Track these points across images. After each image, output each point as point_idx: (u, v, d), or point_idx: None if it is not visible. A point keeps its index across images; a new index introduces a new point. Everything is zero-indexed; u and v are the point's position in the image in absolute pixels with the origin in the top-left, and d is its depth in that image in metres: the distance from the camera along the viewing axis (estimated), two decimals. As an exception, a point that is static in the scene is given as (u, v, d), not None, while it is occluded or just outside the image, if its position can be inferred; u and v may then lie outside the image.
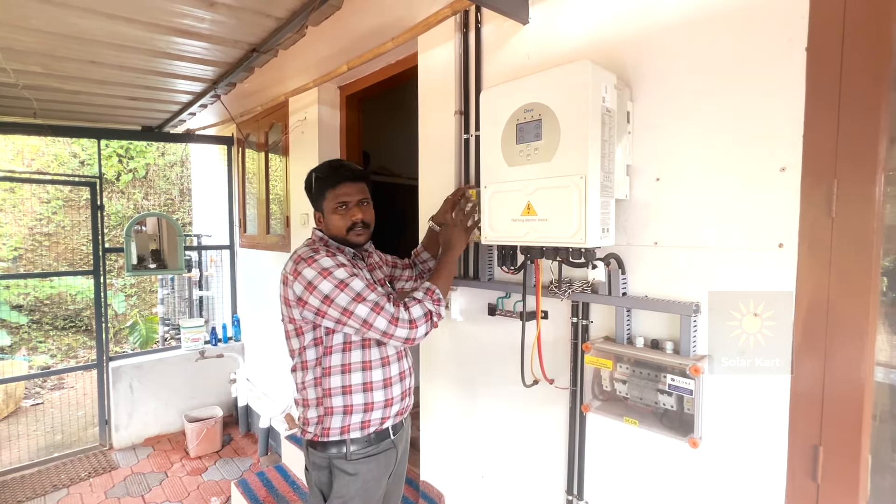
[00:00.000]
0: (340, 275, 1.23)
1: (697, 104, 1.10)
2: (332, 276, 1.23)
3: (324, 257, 1.26)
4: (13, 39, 2.10)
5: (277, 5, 1.93)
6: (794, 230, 0.97)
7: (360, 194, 1.39)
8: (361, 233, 1.39)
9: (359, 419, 1.31)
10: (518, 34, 1.48)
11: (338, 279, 1.23)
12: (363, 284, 1.24)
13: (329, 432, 1.31)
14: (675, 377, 1.08)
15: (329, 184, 1.37)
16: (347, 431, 1.31)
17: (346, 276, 1.24)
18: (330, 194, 1.37)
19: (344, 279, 1.23)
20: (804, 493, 0.97)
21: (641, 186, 1.21)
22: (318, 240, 1.41)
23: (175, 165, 7.86)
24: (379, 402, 1.34)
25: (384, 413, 1.35)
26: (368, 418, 1.32)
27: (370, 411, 1.32)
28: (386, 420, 1.36)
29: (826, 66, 0.91)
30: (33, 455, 3.45)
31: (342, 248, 1.40)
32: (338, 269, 1.24)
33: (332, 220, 1.38)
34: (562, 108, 1.10)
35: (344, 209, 1.37)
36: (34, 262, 6.63)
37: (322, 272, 1.23)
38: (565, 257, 1.21)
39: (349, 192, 1.37)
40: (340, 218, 1.37)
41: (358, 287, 1.23)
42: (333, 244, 1.40)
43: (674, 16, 1.13)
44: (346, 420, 1.31)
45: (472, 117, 1.67)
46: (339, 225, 1.37)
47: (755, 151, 1.01)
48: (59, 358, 6.45)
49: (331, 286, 1.22)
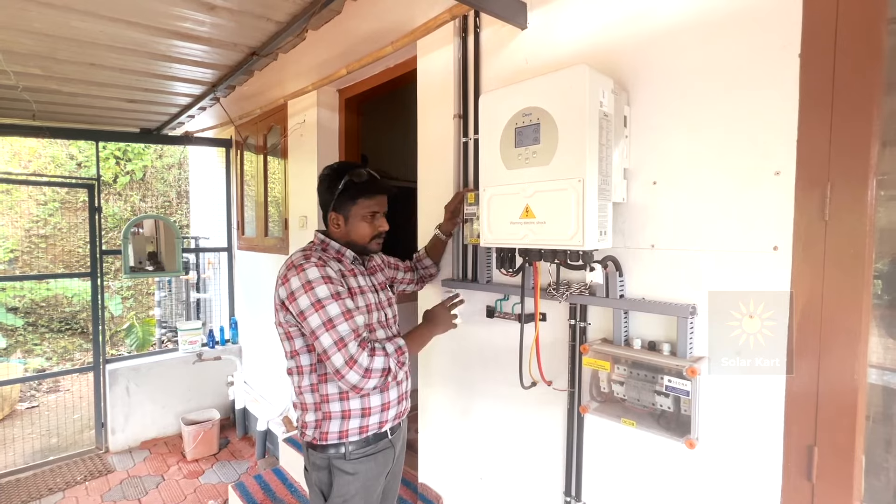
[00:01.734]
0: (321, 293, 1.21)
1: (693, 109, 1.11)
2: (312, 293, 1.21)
3: (312, 268, 1.24)
4: (14, 42, 2.10)
5: (278, 9, 1.94)
6: (789, 233, 0.98)
7: (386, 206, 1.43)
8: (380, 242, 1.44)
9: (357, 424, 1.32)
10: (516, 39, 1.50)
11: (317, 297, 1.20)
12: (339, 311, 1.21)
13: (327, 436, 1.31)
14: (672, 378, 1.09)
15: (367, 192, 1.37)
16: (346, 436, 1.31)
17: (326, 295, 1.21)
18: (364, 202, 1.37)
19: (322, 299, 1.20)
20: (799, 493, 0.99)
21: (638, 190, 1.22)
22: (319, 243, 1.41)
23: (173, 168, 7.84)
24: (376, 407, 1.34)
25: (381, 417, 1.35)
26: (366, 423, 1.33)
27: (367, 416, 1.33)
28: (384, 424, 1.37)
29: (819, 73, 0.93)
30: (28, 458, 3.43)
31: (342, 254, 1.40)
32: (320, 286, 1.22)
33: (359, 226, 1.38)
34: (560, 112, 1.12)
35: (372, 219, 1.39)
36: (30, 265, 6.60)
37: (305, 285, 1.22)
38: (563, 260, 1.22)
39: (382, 203, 1.41)
40: (368, 226, 1.38)
41: (333, 312, 1.20)
42: (333, 248, 1.40)
43: (670, 22, 1.14)
44: (345, 425, 1.31)
45: (470, 121, 1.69)
46: (365, 233, 1.39)
47: (750, 155, 1.03)
48: (54, 361, 6.41)
49: (308, 303, 1.20)
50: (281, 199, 3.24)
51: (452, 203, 1.63)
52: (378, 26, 2.00)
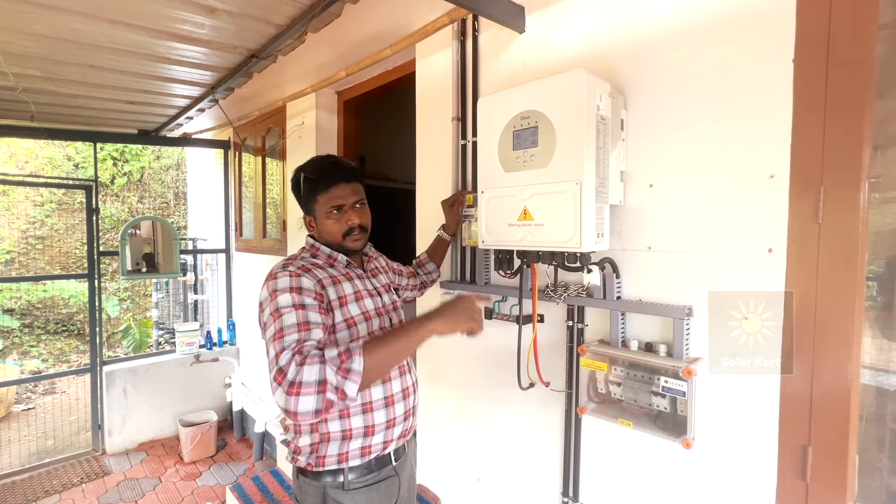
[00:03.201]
0: (282, 301, 1.06)
1: (690, 112, 1.13)
2: (274, 302, 1.07)
3: (284, 277, 1.11)
4: (14, 44, 2.11)
5: (278, 12, 1.95)
6: (783, 235, 0.99)
7: (356, 195, 1.24)
8: (359, 237, 1.25)
9: (358, 445, 1.16)
10: (514, 43, 1.51)
11: (276, 306, 1.06)
12: (294, 321, 1.03)
13: (325, 461, 1.15)
14: (669, 379, 1.10)
15: (322, 186, 1.22)
16: (346, 459, 1.15)
17: (287, 304, 1.06)
18: (322, 198, 1.22)
19: (281, 307, 1.06)
20: (794, 493, 1.00)
21: (635, 192, 1.23)
22: (309, 248, 1.28)
23: (170, 169, 7.84)
24: (381, 425, 1.18)
25: (386, 436, 1.20)
26: (369, 443, 1.17)
27: (371, 435, 1.17)
28: (389, 444, 1.21)
29: (812, 77, 0.95)
30: (24, 461, 3.41)
31: (333, 258, 1.25)
32: (283, 295, 1.07)
33: (326, 225, 1.23)
34: (557, 115, 1.13)
35: (338, 213, 1.22)
36: (27, 266, 6.58)
37: (271, 294, 1.09)
38: (561, 262, 1.23)
39: (344, 194, 1.22)
40: (335, 223, 1.22)
41: (287, 322, 1.03)
42: (324, 253, 1.26)
43: (667, 27, 1.16)
44: (345, 447, 1.15)
45: (469, 124, 1.70)
46: (334, 230, 1.23)
47: (745, 159, 1.04)
48: (50, 362, 6.38)
49: (268, 312, 1.08)
50: (279, 201, 3.24)
51: (450, 198, 1.65)
52: (377, 29, 2.01)
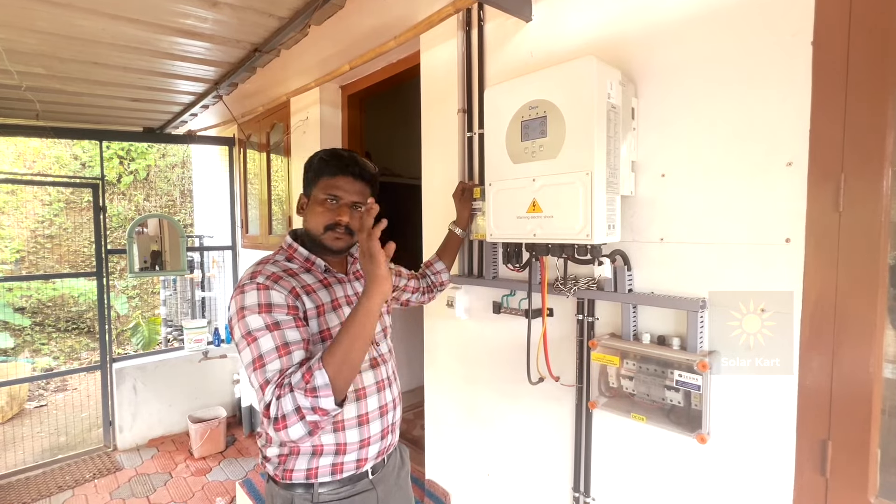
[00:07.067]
0: (253, 323, 0.98)
1: (703, 99, 1.10)
2: (243, 322, 0.99)
3: (252, 291, 1.01)
4: (18, 41, 2.10)
5: (280, 4, 1.93)
6: (801, 225, 0.96)
7: (357, 196, 1.14)
8: (340, 237, 1.13)
9: (329, 462, 1.09)
10: (521, 32, 1.48)
11: (248, 328, 0.98)
12: (272, 345, 0.96)
13: (292, 475, 1.08)
14: (683, 373, 1.08)
15: (328, 171, 1.13)
16: (315, 476, 1.08)
17: (259, 326, 0.98)
18: (324, 182, 1.13)
19: (253, 331, 0.98)
20: (813, 488, 0.97)
21: (647, 183, 1.21)
22: (286, 248, 1.17)
23: (176, 167, 7.87)
24: (353, 444, 1.10)
25: (360, 455, 1.12)
26: (341, 461, 1.09)
27: (342, 454, 1.09)
28: (364, 462, 1.13)
29: (832, 60, 0.91)
30: (38, 457, 3.46)
31: (311, 262, 1.15)
32: (252, 315, 0.99)
33: (314, 211, 1.14)
34: (567, 104, 1.10)
35: (331, 203, 1.13)
36: (36, 265, 6.65)
37: (238, 312, 1.01)
38: (571, 254, 1.21)
39: (345, 187, 1.13)
40: (324, 212, 1.12)
41: (265, 347, 0.96)
42: (301, 256, 1.15)
43: (678, 11, 1.12)
44: (314, 462, 1.08)
45: (475, 115, 1.67)
46: (319, 220, 1.12)
47: (761, 146, 1.01)
48: (61, 360, 6.47)
49: (240, 334, 1.00)
50: (284, 197, 3.24)
51: (457, 188, 1.58)
52: (381, 21, 1.99)
